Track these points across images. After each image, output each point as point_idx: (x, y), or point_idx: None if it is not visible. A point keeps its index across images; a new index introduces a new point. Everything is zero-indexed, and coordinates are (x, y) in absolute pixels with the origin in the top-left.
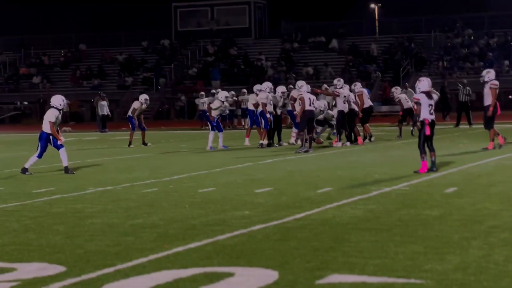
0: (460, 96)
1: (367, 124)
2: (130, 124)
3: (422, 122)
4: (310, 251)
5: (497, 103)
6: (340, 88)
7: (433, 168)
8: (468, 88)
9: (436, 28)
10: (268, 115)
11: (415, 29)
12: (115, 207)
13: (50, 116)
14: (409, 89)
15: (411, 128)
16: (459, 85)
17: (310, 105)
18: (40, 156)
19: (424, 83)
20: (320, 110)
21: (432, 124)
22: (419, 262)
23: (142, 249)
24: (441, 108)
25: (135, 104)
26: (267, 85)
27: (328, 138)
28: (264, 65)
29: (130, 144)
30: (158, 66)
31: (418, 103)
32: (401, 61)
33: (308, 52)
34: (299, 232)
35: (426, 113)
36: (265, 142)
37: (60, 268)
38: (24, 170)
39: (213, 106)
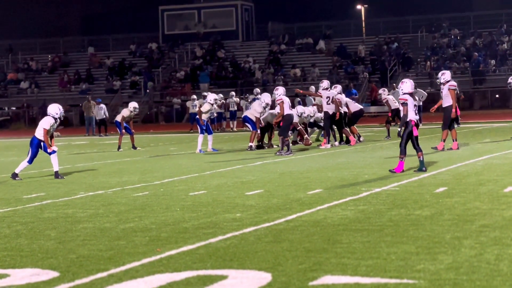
0: None
1: (354, 126)
2: (118, 129)
3: (408, 123)
4: (303, 253)
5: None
6: (325, 89)
7: (422, 168)
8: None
9: (423, 28)
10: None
11: (401, 29)
12: (106, 211)
13: (45, 123)
14: (397, 89)
15: (398, 129)
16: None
17: (290, 109)
18: (30, 161)
19: (407, 85)
20: (310, 116)
21: (416, 125)
22: (411, 262)
23: (134, 253)
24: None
25: (124, 112)
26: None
27: (317, 140)
28: (252, 67)
29: (119, 148)
30: (146, 69)
31: (405, 104)
32: (388, 62)
33: (296, 54)
34: (290, 233)
35: (412, 114)
36: (255, 144)
37: (53, 274)
38: (14, 176)
39: (203, 109)
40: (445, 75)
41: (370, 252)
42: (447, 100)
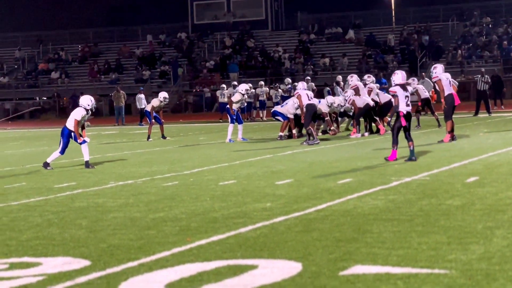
0: (478, 85)
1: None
2: (147, 119)
3: (397, 114)
4: (333, 242)
5: (454, 94)
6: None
7: (412, 157)
8: (486, 76)
9: (454, 16)
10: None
11: (432, 18)
12: (136, 201)
13: (77, 114)
14: (426, 78)
15: (389, 118)
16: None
17: (309, 100)
18: (62, 152)
19: (398, 76)
20: (340, 106)
21: (407, 116)
22: (442, 252)
23: (164, 243)
24: (493, 96)
25: (154, 102)
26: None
27: (347, 129)
28: (282, 57)
29: (148, 137)
30: (175, 59)
31: (395, 96)
32: (417, 51)
33: (325, 43)
34: (321, 223)
35: (402, 105)
36: (285, 134)
37: (84, 262)
38: (46, 165)
39: (234, 99)
40: (436, 69)
41: (401, 242)
42: (441, 93)
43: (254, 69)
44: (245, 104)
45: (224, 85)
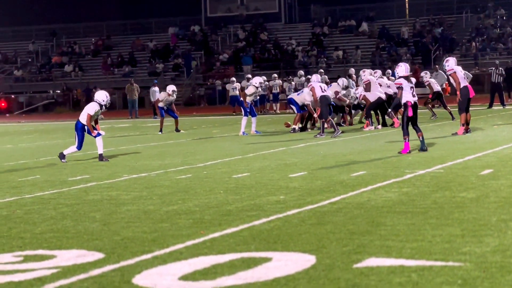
0: (493, 77)
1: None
2: (159, 112)
3: (405, 105)
4: (347, 235)
5: (468, 86)
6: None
7: (423, 147)
8: (501, 68)
9: (467, 9)
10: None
11: (446, 10)
12: (150, 193)
13: (90, 109)
14: (440, 71)
15: (389, 109)
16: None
17: (323, 91)
18: (79, 147)
19: (402, 68)
20: (356, 98)
21: (414, 106)
22: (456, 245)
23: (178, 235)
24: (507, 88)
25: (161, 95)
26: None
27: (361, 121)
28: (295, 49)
29: (160, 130)
30: (188, 52)
31: (400, 88)
32: (431, 43)
33: (338, 36)
34: (334, 216)
35: (409, 96)
36: (298, 126)
37: (98, 255)
38: (62, 156)
39: (248, 92)
40: (448, 62)
41: (415, 235)
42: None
43: (268, 62)
44: (258, 97)
45: (234, 78)
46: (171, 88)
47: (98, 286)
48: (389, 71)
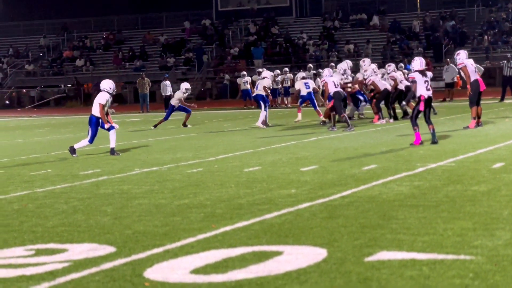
0: (504, 71)
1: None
2: (184, 111)
3: (419, 98)
4: (358, 229)
5: (479, 79)
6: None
7: (434, 140)
8: None
9: (479, 2)
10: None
11: (457, 3)
12: (161, 187)
13: (101, 98)
14: (451, 64)
15: (403, 102)
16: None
17: (336, 87)
18: (91, 141)
19: (417, 63)
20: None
21: (428, 100)
22: (468, 238)
23: (190, 229)
24: None
25: (178, 95)
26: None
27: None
28: (306, 43)
29: (156, 126)
30: (200, 46)
31: (414, 81)
32: (442, 37)
33: (350, 30)
34: (346, 209)
35: (423, 90)
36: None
37: (110, 249)
38: (73, 151)
39: (266, 84)
40: (459, 55)
41: (426, 228)
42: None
43: (279, 56)
44: (270, 90)
45: (245, 72)
46: (184, 86)
47: (110, 280)
48: (402, 64)
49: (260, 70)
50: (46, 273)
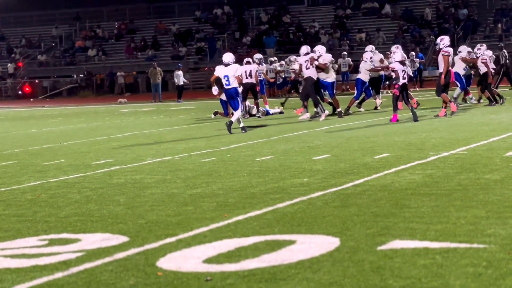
0: None
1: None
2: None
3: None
4: (370, 217)
5: (451, 70)
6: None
7: (415, 119)
8: None
9: None
10: None
11: None
12: (173, 177)
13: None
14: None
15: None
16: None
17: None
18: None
19: (397, 54)
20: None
21: (403, 86)
22: (481, 227)
23: (202, 219)
24: None
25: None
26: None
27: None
28: (318, 32)
29: (215, 113)
30: (212, 35)
31: (395, 71)
32: (454, 25)
33: (361, 18)
34: (358, 198)
35: (400, 78)
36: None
37: (123, 238)
38: (244, 128)
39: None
40: (444, 41)
41: (439, 217)
42: (441, 66)
43: (291, 45)
44: (281, 79)
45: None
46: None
47: (123, 269)
48: (413, 53)
49: (272, 59)
50: (59, 263)
